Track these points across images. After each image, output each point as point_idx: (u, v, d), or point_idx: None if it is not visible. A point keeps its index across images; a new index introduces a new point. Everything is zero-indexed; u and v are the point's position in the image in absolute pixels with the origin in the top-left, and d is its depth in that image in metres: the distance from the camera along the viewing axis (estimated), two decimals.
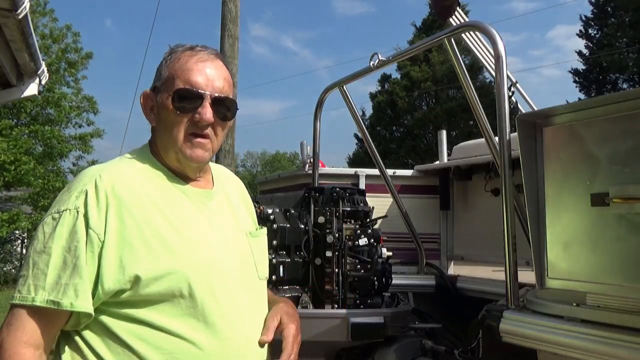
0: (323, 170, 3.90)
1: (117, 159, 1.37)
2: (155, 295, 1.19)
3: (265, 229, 1.56)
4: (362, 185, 3.96)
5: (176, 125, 1.29)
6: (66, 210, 1.19)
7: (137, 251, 1.19)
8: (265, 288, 1.49)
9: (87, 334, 1.20)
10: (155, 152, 1.36)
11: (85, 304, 1.16)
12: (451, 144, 4.41)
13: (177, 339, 1.20)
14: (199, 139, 1.30)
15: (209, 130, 1.31)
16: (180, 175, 1.36)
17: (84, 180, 1.24)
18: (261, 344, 1.36)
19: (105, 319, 1.20)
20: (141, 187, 1.27)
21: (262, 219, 2.76)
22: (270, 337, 1.38)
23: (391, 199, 3.61)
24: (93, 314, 1.18)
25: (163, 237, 1.22)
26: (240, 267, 1.37)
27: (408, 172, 4.21)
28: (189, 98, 1.28)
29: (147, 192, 1.27)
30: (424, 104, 25.10)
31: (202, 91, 1.29)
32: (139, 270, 1.17)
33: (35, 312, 1.15)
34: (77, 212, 1.19)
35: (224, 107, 1.33)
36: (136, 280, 1.17)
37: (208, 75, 1.30)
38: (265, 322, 1.40)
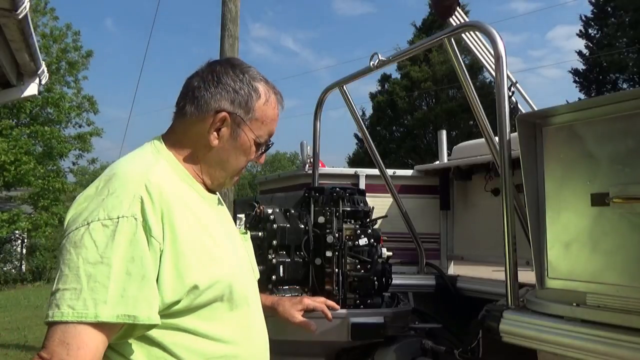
0: (323, 170, 3.90)
1: (143, 156, 1.30)
2: (205, 303, 1.19)
3: (248, 234, 1.61)
4: (362, 185, 3.96)
5: (243, 161, 1.38)
6: (122, 217, 1.11)
7: (189, 259, 1.16)
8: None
9: (127, 346, 1.16)
10: (178, 156, 1.33)
11: (158, 317, 1.12)
12: (451, 144, 4.40)
13: (218, 343, 1.22)
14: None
15: None
16: (196, 180, 1.35)
17: (132, 185, 1.17)
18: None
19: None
20: (178, 191, 1.24)
21: (262, 219, 2.76)
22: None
23: (391, 199, 3.61)
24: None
25: (204, 243, 1.22)
26: (248, 269, 1.44)
27: (408, 172, 4.21)
28: (266, 147, 1.41)
29: (181, 195, 1.24)
30: (424, 104, 25.09)
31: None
32: (196, 279, 1.16)
33: (97, 327, 1.06)
34: (135, 219, 1.12)
35: None
36: (193, 289, 1.15)
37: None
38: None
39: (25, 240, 17.45)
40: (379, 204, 3.40)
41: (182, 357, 1.16)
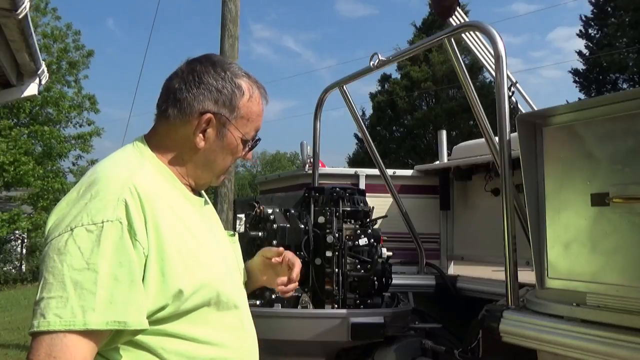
0: (323, 170, 3.90)
1: (126, 158, 1.26)
2: (192, 308, 1.16)
3: (237, 236, 1.59)
4: (362, 185, 3.96)
5: (230, 160, 1.36)
6: (107, 221, 1.07)
7: (175, 263, 1.13)
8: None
9: (114, 351, 1.12)
10: (162, 158, 1.30)
11: (146, 321, 1.09)
12: (451, 144, 4.41)
13: (206, 346, 1.20)
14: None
15: None
16: (182, 181, 1.33)
17: (116, 188, 1.13)
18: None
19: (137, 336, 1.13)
20: (163, 194, 1.21)
21: (262, 219, 2.76)
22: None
23: (391, 199, 3.61)
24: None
25: (189, 247, 1.19)
26: (236, 272, 1.43)
27: (408, 172, 4.21)
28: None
29: (166, 199, 1.22)
30: (424, 104, 25.08)
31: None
32: (181, 284, 1.13)
33: (86, 336, 1.02)
34: (121, 223, 1.08)
35: None
36: (178, 295, 1.13)
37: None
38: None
39: (25, 240, 17.46)
40: (379, 204, 3.40)
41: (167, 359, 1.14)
